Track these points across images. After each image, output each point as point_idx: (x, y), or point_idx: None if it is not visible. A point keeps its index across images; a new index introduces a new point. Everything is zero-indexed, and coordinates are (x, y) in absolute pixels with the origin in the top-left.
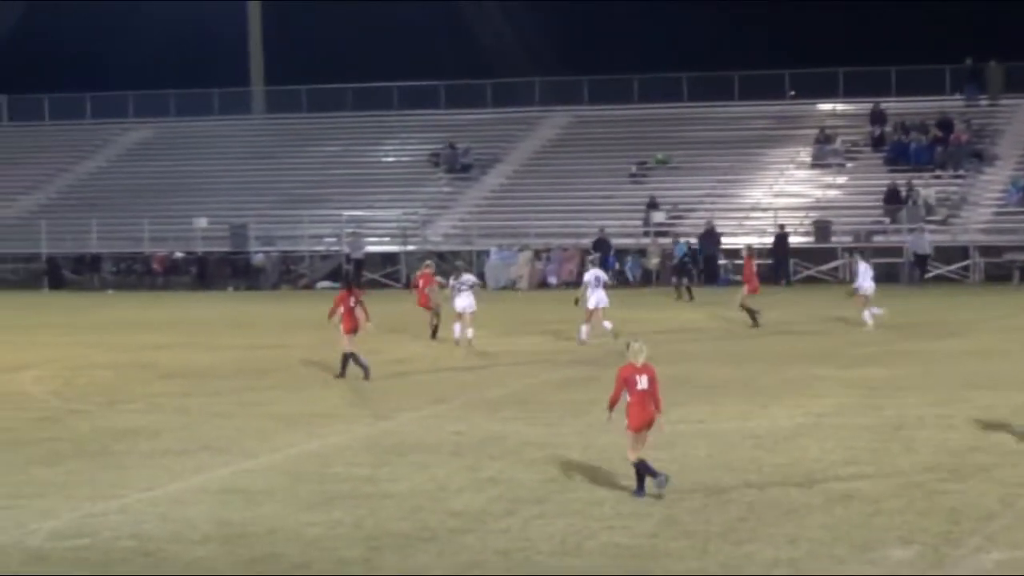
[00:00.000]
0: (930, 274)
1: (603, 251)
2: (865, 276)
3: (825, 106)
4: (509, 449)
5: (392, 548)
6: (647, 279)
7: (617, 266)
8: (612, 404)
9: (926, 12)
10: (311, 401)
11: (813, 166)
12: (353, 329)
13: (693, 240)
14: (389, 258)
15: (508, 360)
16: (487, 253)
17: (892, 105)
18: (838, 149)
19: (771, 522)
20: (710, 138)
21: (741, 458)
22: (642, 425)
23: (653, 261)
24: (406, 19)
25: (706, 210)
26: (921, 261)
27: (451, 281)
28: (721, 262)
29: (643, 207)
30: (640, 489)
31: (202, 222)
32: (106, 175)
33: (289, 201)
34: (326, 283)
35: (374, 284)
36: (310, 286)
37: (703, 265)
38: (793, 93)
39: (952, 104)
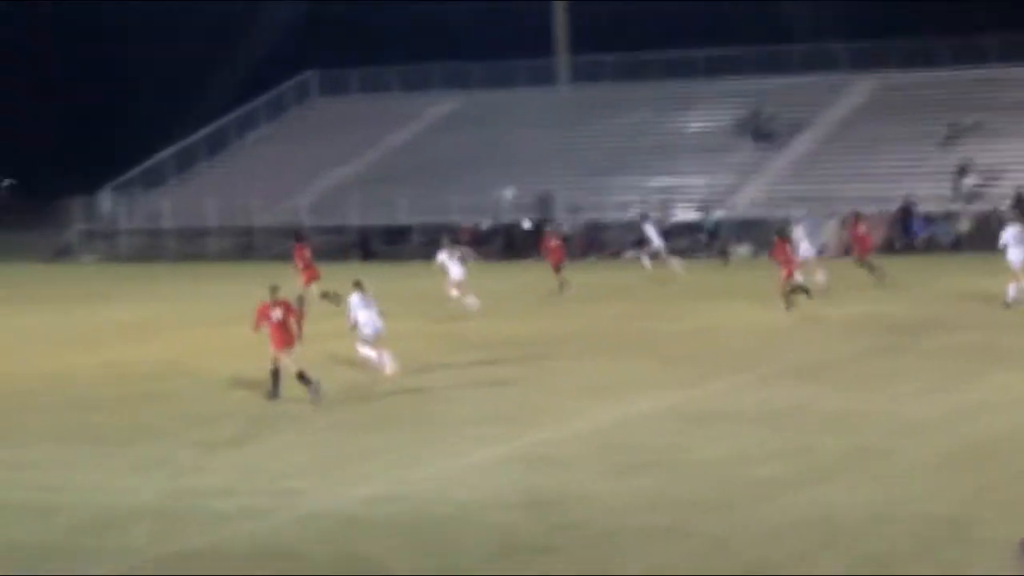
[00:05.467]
0: None
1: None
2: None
3: None
4: (815, 418)
5: (695, 515)
6: (957, 245)
7: (925, 233)
8: (255, 329)
9: None
10: (617, 371)
11: None
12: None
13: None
14: (695, 226)
15: (816, 328)
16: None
17: None
18: None
19: None
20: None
21: None
22: (283, 346)
23: (964, 227)
24: None
25: (1018, 176)
26: None
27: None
28: None
29: (951, 172)
30: (275, 391)
31: (510, 193)
32: (413, 148)
33: (594, 170)
34: (632, 252)
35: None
36: (617, 254)
37: None
38: None
39: None
